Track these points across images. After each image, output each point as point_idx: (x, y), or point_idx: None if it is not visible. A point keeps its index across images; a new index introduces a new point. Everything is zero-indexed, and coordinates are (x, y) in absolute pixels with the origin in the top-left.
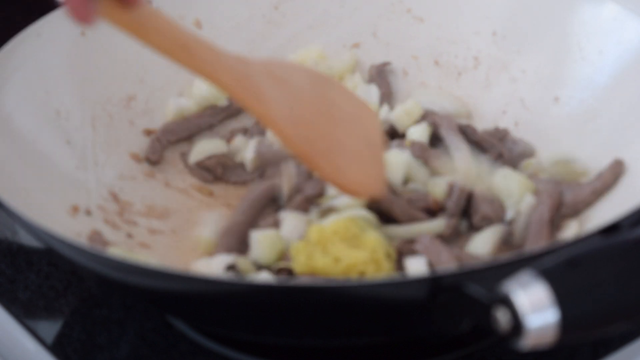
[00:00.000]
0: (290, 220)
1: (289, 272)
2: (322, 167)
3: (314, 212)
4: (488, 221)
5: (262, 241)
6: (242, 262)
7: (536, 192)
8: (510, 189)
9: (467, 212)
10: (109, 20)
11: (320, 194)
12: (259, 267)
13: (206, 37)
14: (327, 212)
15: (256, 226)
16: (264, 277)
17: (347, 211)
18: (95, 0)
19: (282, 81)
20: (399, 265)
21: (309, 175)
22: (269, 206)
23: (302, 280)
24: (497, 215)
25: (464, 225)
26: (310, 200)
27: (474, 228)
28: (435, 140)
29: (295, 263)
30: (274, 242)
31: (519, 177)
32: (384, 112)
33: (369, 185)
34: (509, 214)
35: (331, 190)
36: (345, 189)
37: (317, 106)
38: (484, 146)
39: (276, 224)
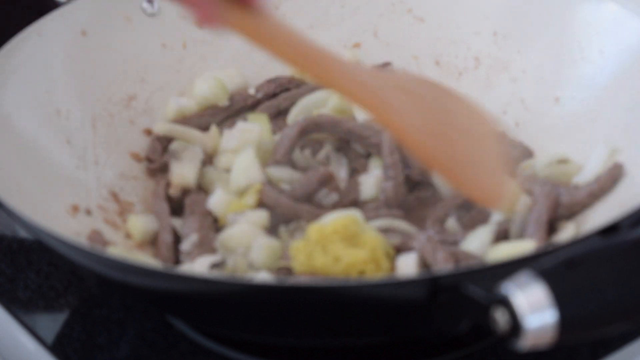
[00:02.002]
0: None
1: (289, 271)
2: (457, 178)
3: (283, 231)
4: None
5: (264, 248)
6: (233, 263)
7: (532, 194)
8: None
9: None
10: (229, 25)
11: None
12: (253, 267)
13: (207, 41)
14: (295, 230)
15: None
16: (263, 276)
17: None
18: (218, 2)
19: (408, 92)
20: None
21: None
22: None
23: (302, 280)
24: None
25: (460, 222)
26: None
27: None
28: None
29: (295, 262)
30: (274, 252)
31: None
32: None
33: (497, 194)
34: (497, 216)
35: None
36: (479, 199)
37: (441, 117)
38: None
39: None
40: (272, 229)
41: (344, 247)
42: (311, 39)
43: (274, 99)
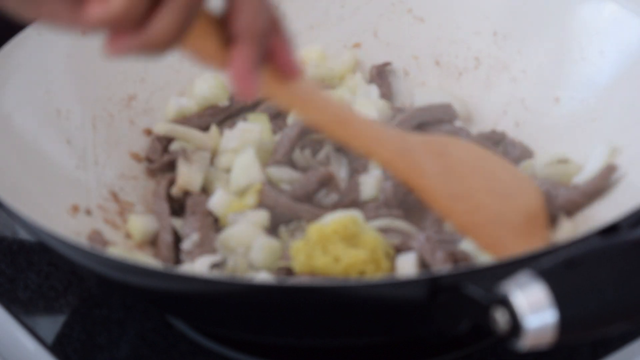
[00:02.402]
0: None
1: (289, 271)
2: (482, 238)
3: (283, 231)
4: None
5: (264, 248)
6: (233, 263)
7: None
8: None
9: None
10: (269, 94)
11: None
12: (253, 267)
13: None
14: (295, 230)
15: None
16: (263, 276)
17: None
18: (258, 72)
19: (440, 155)
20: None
21: None
22: None
23: (302, 280)
24: None
25: None
26: None
27: None
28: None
29: (295, 262)
30: (274, 252)
31: None
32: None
33: (512, 247)
34: None
35: None
36: (491, 252)
37: (477, 179)
38: None
39: None
40: (272, 229)
41: (344, 247)
42: (341, 102)
43: None
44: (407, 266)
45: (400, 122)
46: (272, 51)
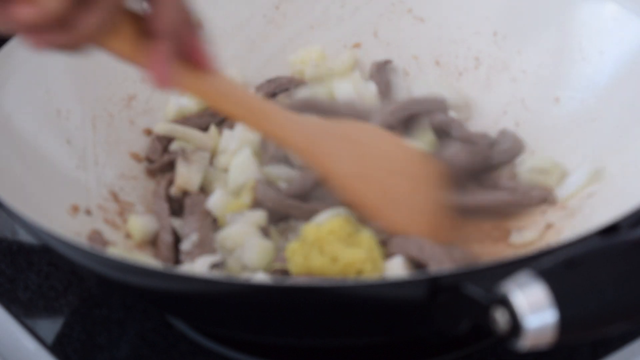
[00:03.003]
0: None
1: (284, 273)
2: (386, 218)
3: (273, 231)
4: None
5: (256, 248)
6: (232, 263)
7: None
8: None
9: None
10: (183, 87)
11: None
12: (247, 268)
13: (207, 41)
14: (286, 230)
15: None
16: (262, 276)
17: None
18: (172, 64)
19: (349, 140)
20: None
21: None
22: None
23: (302, 280)
24: None
25: None
26: None
27: None
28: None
29: (292, 264)
30: (267, 252)
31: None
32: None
33: (416, 228)
34: None
35: None
36: (395, 232)
37: (383, 162)
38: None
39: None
40: (267, 229)
41: (341, 247)
42: (253, 93)
43: (274, 99)
44: (396, 269)
45: (391, 112)
46: (188, 48)
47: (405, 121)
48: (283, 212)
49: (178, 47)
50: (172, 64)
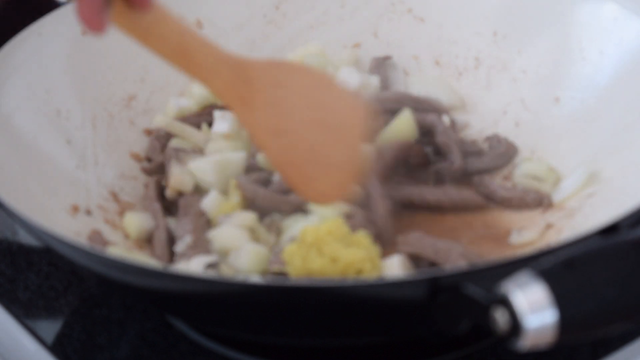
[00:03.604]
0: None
1: (282, 275)
2: (292, 178)
3: (261, 229)
4: None
5: (250, 253)
6: (225, 269)
7: None
8: None
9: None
10: (117, 26)
11: None
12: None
13: (209, 38)
14: (272, 225)
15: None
16: (258, 277)
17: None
18: (107, 9)
19: (277, 85)
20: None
21: None
22: None
23: (302, 279)
24: None
25: None
26: None
27: None
28: None
29: (291, 267)
30: (262, 258)
31: None
32: None
33: (334, 194)
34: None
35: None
36: (309, 199)
37: (308, 112)
38: (442, 151)
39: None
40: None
41: (340, 247)
42: (188, 27)
43: None
44: (393, 268)
45: (381, 99)
46: None
47: (394, 113)
48: (273, 208)
49: None
50: (106, 7)
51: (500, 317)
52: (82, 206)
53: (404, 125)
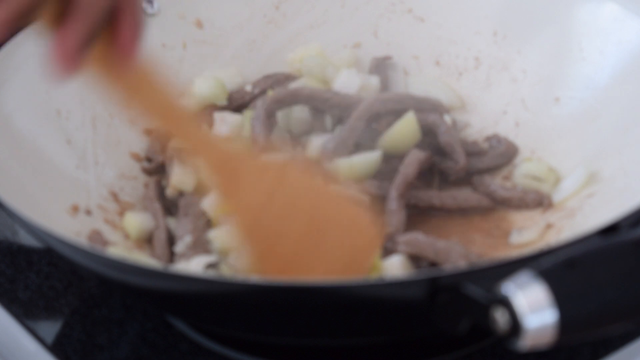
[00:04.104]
0: None
1: None
2: (264, 266)
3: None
4: None
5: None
6: (224, 269)
7: None
8: None
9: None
10: (97, 73)
11: None
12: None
13: (207, 41)
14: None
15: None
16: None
17: None
18: (84, 49)
19: (274, 184)
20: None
21: None
22: None
23: (302, 279)
24: None
25: None
26: None
27: None
28: None
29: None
30: None
31: None
32: None
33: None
34: None
35: None
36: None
37: (300, 221)
38: (445, 151)
39: None
40: None
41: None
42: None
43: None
44: (393, 268)
45: (382, 100)
46: (115, 25)
47: (396, 114)
48: None
49: (97, 29)
50: (83, 48)
51: (500, 317)
52: (82, 206)
53: (408, 128)
